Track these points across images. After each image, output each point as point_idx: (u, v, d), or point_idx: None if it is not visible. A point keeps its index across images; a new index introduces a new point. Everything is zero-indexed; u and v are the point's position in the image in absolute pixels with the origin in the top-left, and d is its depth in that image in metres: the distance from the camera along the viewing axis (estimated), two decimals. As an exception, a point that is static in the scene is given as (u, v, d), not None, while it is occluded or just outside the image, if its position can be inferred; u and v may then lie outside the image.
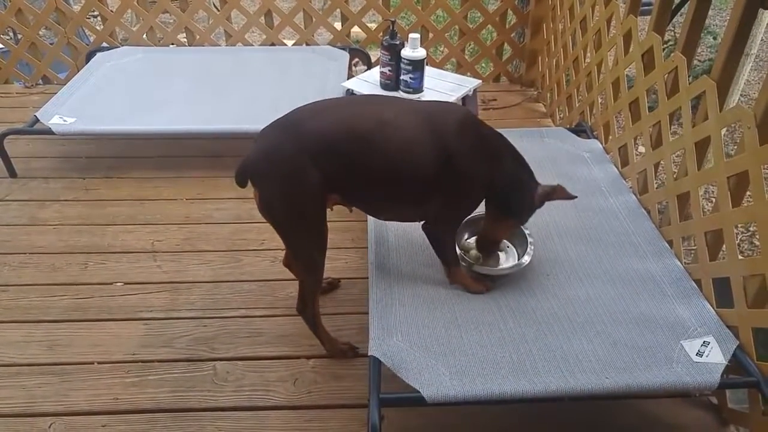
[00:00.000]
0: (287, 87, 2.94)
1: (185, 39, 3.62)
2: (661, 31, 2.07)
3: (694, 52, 1.97)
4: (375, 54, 3.10)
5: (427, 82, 2.54)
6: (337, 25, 3.54)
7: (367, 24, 3.55)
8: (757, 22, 3.28)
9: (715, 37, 5.21)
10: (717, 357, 1.48)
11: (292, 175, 1.45)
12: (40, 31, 3.48)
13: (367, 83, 2.66)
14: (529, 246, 1.82)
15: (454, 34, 3.54)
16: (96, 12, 3.49)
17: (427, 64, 2.51)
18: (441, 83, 2.64)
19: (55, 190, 2.63)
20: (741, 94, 3.64)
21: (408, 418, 1.62)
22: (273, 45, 3.55)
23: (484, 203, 1.69)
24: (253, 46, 3.64)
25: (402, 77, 2.50)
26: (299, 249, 1.63)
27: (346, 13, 3.43)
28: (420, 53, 2.43)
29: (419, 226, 1.71)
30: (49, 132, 2.58)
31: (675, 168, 2.00)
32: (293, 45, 3.65)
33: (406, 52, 2.44)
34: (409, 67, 2.45)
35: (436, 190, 1.56)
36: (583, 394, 1.42)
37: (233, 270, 2.18)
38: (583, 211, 2.07)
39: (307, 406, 1.69)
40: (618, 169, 2.29)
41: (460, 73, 3.07)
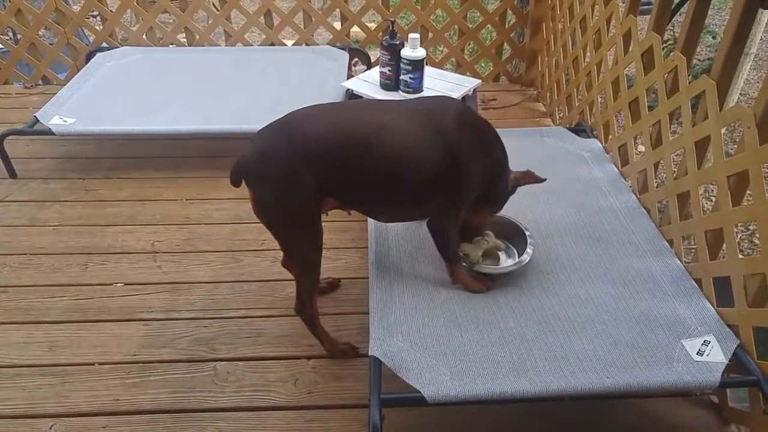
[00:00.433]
0: (287, 87, 2.94)
1: (185, 39, 3.62)
2: (661, 31, 2.07)
3: (694, 52, 1.97)
4: (375, 54, 3.10)
5: (426, 81, 2.54)
6: (337, 25, 3.54)
7: (367, 24, 3.55)
8: (756, 22, 3.29)
9: (714, 37, 5.22)
10: (717, 356, 1.48)
11: (286, 178, 1.45)
12: (40, 32, 3.47)
13: (367, 83, 2.65)
14: (529, 245, 1.82)
15: (453, 34, 3.54)
16: (95, 12, 3.49)
17: (426, 64, 2.51)
18: (441, 83, 2.64)
19: (55, 191, 2.63)
20: (741, 94, 3.64)
21: (409, 418, 1.62)
22: (273, 45, 3.55)
23: None
24: (252, 46, 3.64)
25: (402, 77, 2.50)
26: (294, 250, 1.63)
27: (346, 13, 3.43)
28: (419, 53, 2.43)
29: (419, 226, 1.71)
30: (49, 132, 2.58)
31: (675, 167, 2.00)
32: (293, 45, 3.65)
33: (406, 52, 2.44)
34: (409, 67, 2.45)
35: (438, 187, 1.57)
36: (583, 394, 1.42)
37: (233, 270, 2.18)
38: (583, 211, 2.08)
39: (308, 407, 1.69)
40: (618, 169, 2.30)
41: (459, 73, 3.07)
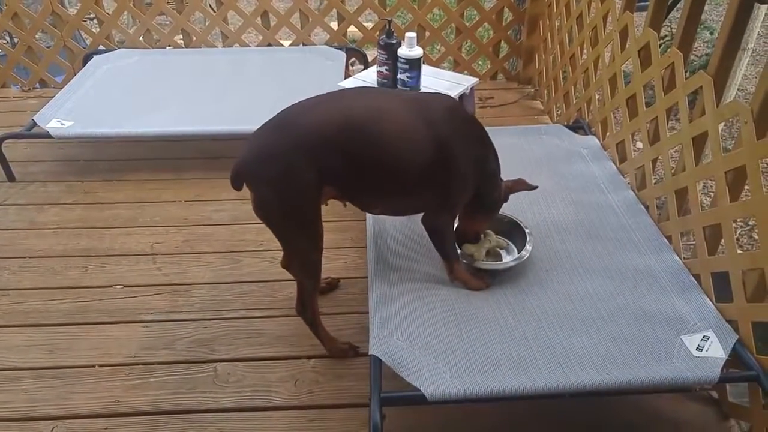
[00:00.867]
0: (285, 87, 2.94)
1: (182, 41, 3.62)
2: (658, 27, 2.07)
3: (691, 48, 1.97)
4: (372, 53, 3.10)
5: (424, 80, 2.53)
6: (334, 24, 3.53)
7: (364, 23, 3.55)
8: (753, 17, 3.29)
9: (712, 32, 5.21)
10: (717, 351, 1.49)
11: (286, 175, 1.45)
12: (37, 35, 3.46)
13: (365, 83, 2.65)
14: (528, 242, 1.82)
15: (450, 33, 3.54)
16: (92, 15, 3.49)
17: (423, 63, 2.51)
18: (438, 81, 2.64)
19: (54, 194, 2.62)
20: (738, 89, 3.64)
21: (409, 417, 1.62)
22: (270, 46, 3.55)
23: None
24: (250, 47, 3.63)
25: (399, 76, 2.49)
26: (296, 250, 1.63)
27: (343, 12, 3.43)
28: (417, 52, 2.43)
29: (418, 223, 1.71)
30: (47, 136, 2.58)
31: (673, 163, 2.00)
32: (290, 45, 3.65)
33: (403, 51, 2.43)
34: (406, 66, 2.45)
35: (430, 178, 1.57)
36: (583, 390, 1.42)
37: (233, 271, 2.18)
38: (582, 208, 2.08)
39: (309, 406, 1.69)
40: (616, 165, 2.30)
41: (457, 72, 3.07)
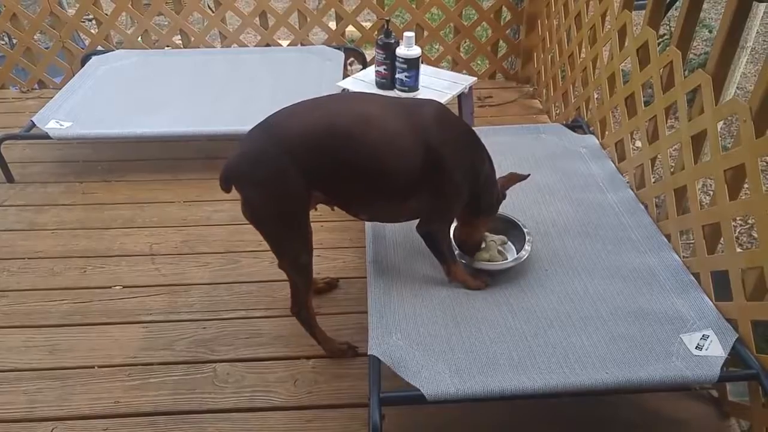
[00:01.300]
0: (283, 87, 2.94)
1: (180, 41, 3.62)
2: (656, 26, 2.07)
3: (689, 46, 1.97)
4: (370, 53, 3.10)
5: (422, 80, 2.53)
6: (332, 24, 3.53)
7: (362, 23, 3.55)
8: (751, 15, 3.29)
9: (710, 31, 5.21)
10: (716, 350, 1.49)
11: (275, 178, 1.45)
12: (35, 36, 3.47)
13: (363, 82, 2.65)
14: (527, 242, 1.82)
15: (449, 32, 3.54)
16: (91, 16, 3.48)
17: (422, 62, 2.51)
18: (436, 81, 2.64)
19: (53, 195, 2.62)
20: (737, 87, 3.63)
21: (408, 416, 1.62)
22: (268, 46, 3.55)
23: None
24: (248, 47, 3.63)
25: (397, 76, 2.49)
26: (285, 251, 1.62)
27: (341, 12, 3.43)
28: (415, 51, 2.43)
29: (416, 225, 1.71)
30: (46, 137, 2.58)
31: (672, 162, 2.00)
32: (288, 45, 3.65)
33: (401, 51, 2.43)
34: (405, 66, 2.44)
35: (419, 184, 1.56)
36: (583, 390, 1.42)
37: (232, 272, 2.17)
38: (581, 207, 2.08)
39: (308, 407, 1.69)
40: (615, 164, 2.30)
41: (455, 71, 3.07)
